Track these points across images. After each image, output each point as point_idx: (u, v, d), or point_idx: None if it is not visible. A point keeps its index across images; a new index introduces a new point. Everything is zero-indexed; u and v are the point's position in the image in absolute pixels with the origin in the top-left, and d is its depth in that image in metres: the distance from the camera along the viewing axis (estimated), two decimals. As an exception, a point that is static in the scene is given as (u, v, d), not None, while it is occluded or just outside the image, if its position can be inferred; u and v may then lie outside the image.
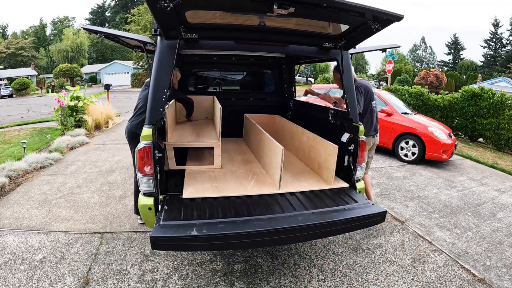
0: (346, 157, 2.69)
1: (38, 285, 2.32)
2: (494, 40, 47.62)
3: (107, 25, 56.85)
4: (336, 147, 2.59)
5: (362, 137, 2.60)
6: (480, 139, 9.66)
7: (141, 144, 2.12)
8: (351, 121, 2.65)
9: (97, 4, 60.66)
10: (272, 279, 2.49)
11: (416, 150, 6.17)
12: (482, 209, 4.23)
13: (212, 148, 3.01)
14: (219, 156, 3.02)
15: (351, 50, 2.72)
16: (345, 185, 2.66)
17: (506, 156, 8.27)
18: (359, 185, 2.68)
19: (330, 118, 3.05)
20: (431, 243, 3.21)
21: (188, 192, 2.41)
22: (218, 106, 3.23)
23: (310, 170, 3.05)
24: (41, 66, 47.09)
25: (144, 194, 2.22)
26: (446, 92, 11.51)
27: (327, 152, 2.71)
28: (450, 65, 52.46)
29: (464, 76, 37.01)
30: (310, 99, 8.11)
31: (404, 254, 2.96)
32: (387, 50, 2.82)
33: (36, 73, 38.95)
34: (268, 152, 2.88)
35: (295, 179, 2.76)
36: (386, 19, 1.94)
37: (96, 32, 2.37)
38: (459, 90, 9.73)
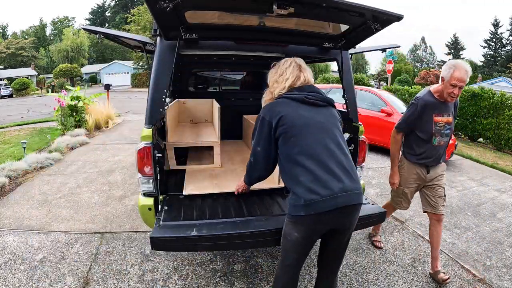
0: None
1: (38, 285, 2.32)
2: (494, 40, 47.62)
3: (107, 25, 56.87)
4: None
5: (362, 137, 2.60)
6: (480, 139, 9.66)
7: (141, 145, 2.12)
8: (351, 121, 2.65)
9: (97, 4, 60.69)
10: (272, 279, 2.49)
11: (416, 150, 6.16)
12: (482, 209, 4.23)
13: (212, 148, 3.04)
14: (219, 155, 3.05)
15: (351, 50, 2.72)
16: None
17: (506, 156, 8.27)
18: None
19: None
20: (431, 243, 3.21)
21: (189, 189, 2.45)
22: (216, 106, 3.25)
23: None
24: (41, 66, 47.09)
25: (144, 194, 2.23)
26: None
27: None
28: (450, 65, 52.31)
29: (464, 76, 36.93)
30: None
31: (404, 254, 2.97)
32: (387, 50, 2.82)
33: (36, 73, 38.95)
34: None
35: None
36: (386, 19, 1.93)
37: (96, 32, 2.37)
38: (459, 90, 9.72)
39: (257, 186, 2.53)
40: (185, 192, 2.41)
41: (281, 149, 1.61)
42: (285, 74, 1.71)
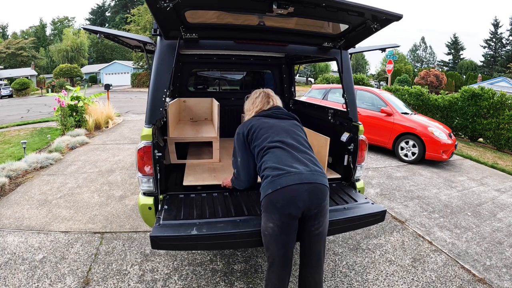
0: (346, 156, 2.69)
1: (38, 285, 2.32)
2: (494, 40, 47.61)
3: (107, 25, 56.86)
4: (328, 138, 2.69)
5: (361, 136, 2.60)
6: (480, 139, 9.66)
7: (141, 144, 2.13)
8: (350, 120, 2.65)
9: (97, 4, 60.70)
10: (272, 279, 2.49)
11: (416, 150, 6.17)
12: (482, 209, 4.23)
13: (211, 144, 3.10)
14: (218, 150, 3.14)
15: (351, 50, 2.72)
16: (337, 176, 2.78)
17: (506, 156, 8.26)
18: (359, 184, 2.68)
19: (329, 117, 3.05)
20: (431, 243, 3.21)
21: (188, 180, 2.52)
22: (216, 104, 3.30)
23: None
24: (41, 66, 47.06)
25: (144, 193, 2.23)
26: (446, 92, 11.51)
27: (320, 144, 2.80)
28: (450, 65, 52.46)
29: (464, 76, 37.02)
30: (310, 99, 8.13)
31: (404, 254, 2.97)
32: (387, 50, 2.82)
33: (36, 73, 38.94)
34: None
35: None
36: (385, 18, 1.94)
37: (96, 32, 2.37)
38: (459, 90, 9.73)
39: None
40: (185, 183, 2.46)
41: (255, 151, 1.84)
42: (255, 102, 2.07)
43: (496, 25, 47.60)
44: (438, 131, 6.20)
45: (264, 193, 1.68)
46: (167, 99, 2.34)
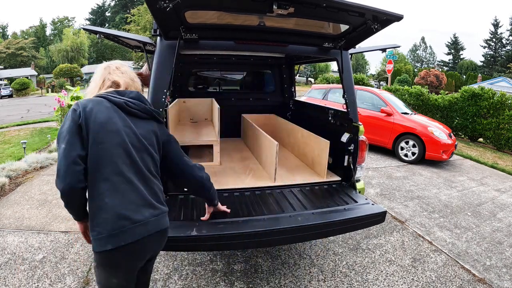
0: (346, 157, 2.69)
1: (38, 285, 2.32)
2: (494, 40, 47.61)
3: (107, 25, 56.85)
4: (328, 142, 2.69)
5: (362, 137, 2.60)
6: (480, 139, 9.66)
7: None
8: (351, 121, 2.65)
9: (97, 4, 60.67)
10: (272, 279, 2.49)
11: (416, 150, 6.17)
12: (482, 209, 4.23)
13: (212, 146, 3.11)
14: (218, 154, 3.15)
15: (351, 50, 2.72)
16: (337, 178, 2.78)
17: (506, 156, 8.27)
18: (359, 185, 2.68)
19: (330, 118, 3.06)
20: (431, 243, 3.21)
21: None
22: (216, 107, 3.32)
23: (304, 165, 3.19)
24: (41, 66, 47.03)
25: None
26: (446, 92, 11.51)
27: (320, 147, 2.82)
28: (450, 65, 52.46)
29: (464, 76, 37.04)
30: (310, 99, 8.13)
31: (404, 254, 2.97)
32: (387, 50, 2.82)
33: (36, 73, 38.92)
34: (263, 148, 3.01)
35: (290, 174, 2.88)
36: (385, 19, 1.94)
37: (96, 32, 2.37)
38: (459, 90, 9.73)
39: (255, 184, 2.56)
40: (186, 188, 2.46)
41: (90, 153, 1.27)
42: (101, 76, 1.52)
43: (496, 25, 47.59)
44: (438, 131, 6.20)
45: (99, 247, 1.24)
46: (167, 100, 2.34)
